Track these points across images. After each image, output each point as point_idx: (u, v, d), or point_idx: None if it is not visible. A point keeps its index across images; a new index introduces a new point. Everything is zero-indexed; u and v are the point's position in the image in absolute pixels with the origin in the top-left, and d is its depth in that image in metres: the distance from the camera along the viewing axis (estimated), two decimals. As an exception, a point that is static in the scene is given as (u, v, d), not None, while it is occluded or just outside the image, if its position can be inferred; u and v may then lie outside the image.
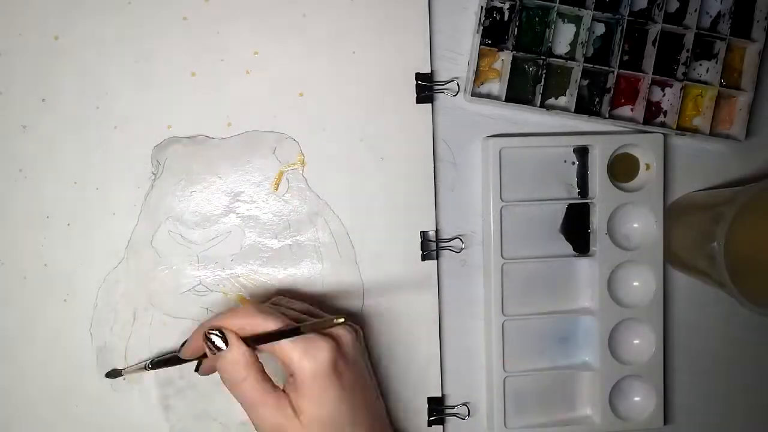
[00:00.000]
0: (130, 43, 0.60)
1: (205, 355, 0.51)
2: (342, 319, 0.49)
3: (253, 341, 0.49)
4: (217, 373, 0.51)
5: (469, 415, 0.64)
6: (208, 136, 0.60)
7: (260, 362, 0.50)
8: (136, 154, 0.60)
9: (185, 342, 0.53)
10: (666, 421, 0.65)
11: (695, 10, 0.62)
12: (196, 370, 0.55)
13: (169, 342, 0.60)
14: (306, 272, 0.61)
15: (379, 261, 0.62)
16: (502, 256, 0.63)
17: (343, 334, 0.51)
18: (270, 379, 0.50)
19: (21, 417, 0.60)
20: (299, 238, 0.61)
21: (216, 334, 0.49)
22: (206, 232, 0.60)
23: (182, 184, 0.60)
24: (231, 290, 0.60)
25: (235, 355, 0.49)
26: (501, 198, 0.62)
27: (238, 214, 0.60)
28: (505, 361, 0.63)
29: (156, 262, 0.60)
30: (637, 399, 0.65)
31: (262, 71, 0.61)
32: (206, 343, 0.50)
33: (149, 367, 0.57)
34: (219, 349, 0.49)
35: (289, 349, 0.48)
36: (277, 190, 0.61)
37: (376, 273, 0.62)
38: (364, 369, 0.53)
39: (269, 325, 0.49)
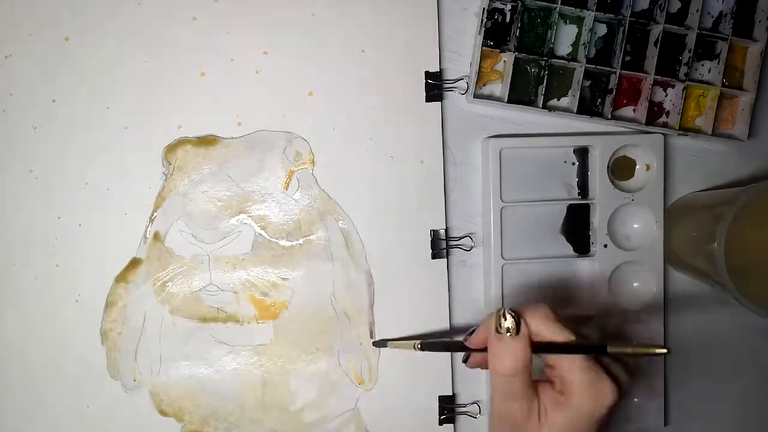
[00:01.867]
0: (140, 43, 0.60)
1: (484, 349, 0.49)
2: (666, 351, 0.46)
3: (543, 348, 0.48)
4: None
5: (480, 413, 0.64)
6: (218, 136, 0.60)
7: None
8: (147, 154, 0.60)
9: (472, 330, 0.51)
10: (666, 422, 0.66)
11: (697, 11, 0.63)
12: (464, 361, 0.53)
13: (180, 342, 0.61)
14: (316, 271, 0.61)
15: (389, 260, 0.62)
16: (502, 256, 0.63)
17: (627, 383, 0.49)
18: (533, 384, 0.48)
19: (32, 417, 0.60)
20: (310, 237, 0.61)
21: (512, 317, 0.48)
22: (217, 232, 0.60)
23: (193, 184, 0.60)
24: (241, 290, 0.61)
25: (520, 347, 0.47)
26: (501, 199, 0.63)
27: (248, 213, 0.60)
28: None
29: (167, 262, 0.60)
30: (636, 400, 0.66)
31: (271, 71, 0.61)
32: (497, 319, 0.48)
33: (417, 348, 0.56)
34: (508, 331, 0.48)
35: (577, 369, 0.47)
36: (287, 189, 0.61)
37: (386, 271, 0.62)
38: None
39: (564, 335, 0.47)
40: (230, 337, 0.61)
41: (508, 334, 0.47)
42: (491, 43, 0.63)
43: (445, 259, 0.63)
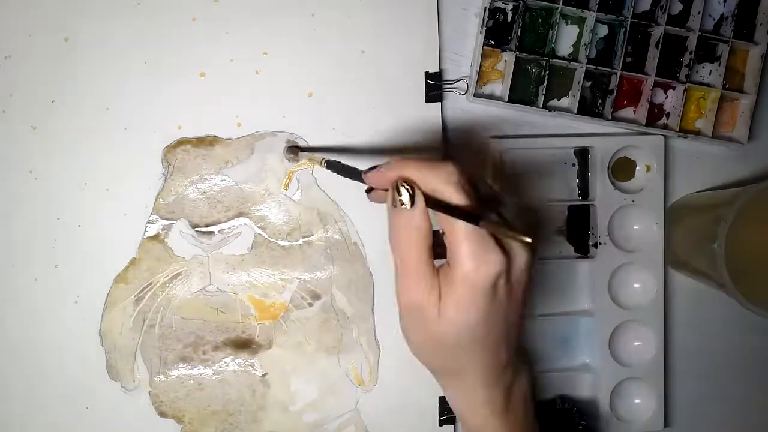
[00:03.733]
0: (139, 44, 0.59)
1: (385, 190, 0.49)
2: (529, 240, 0.45)
3: (431, 203, 0.47)
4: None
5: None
6: (218, 137, 0.60)
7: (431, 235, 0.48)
8: (147, 154, 0.60)
9: (375, 167, 0.50)
10: (666, 423, 0.66)
11: (698, 13, 0.63)
12: (368, 192, 0.52)
13: (179, 343, 0.61)
14: (316, 272, 0.61)
15: (389, 260, 0.60)
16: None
17: (519, 253, 0.48)
18: (432, 258, 0.48)
19: (32, 418, 0.60)
20: (309, 238, 0.61)
21: (407, 189, 0.47)
22: (216, 233, 0.60)
23: (192, 184, 0.60)
24: (241, 291, 0.61)
25: (417, 220, 0.47)
26: (502, 200, 0.63)
27: (248, 214, 0.60)
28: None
29: (167, 263, 0.60)
30: (637, 401, 0.66)
31: (271, 71, 0.61)
32: (393, 192, 0.47)
33: (324, 164, 0.55)
34: (403, 204, 0.47)
35: (461, 239, 0.45)
36: (286, 190, 0.61)
37: (387, 272, 0.62)
38: (519, 297, 0.49)
39: (458, 198, 0.46)
40: (230, 337, 0.61)
41: (403, 207, 0.47)
42: (492, 43, 0.63)
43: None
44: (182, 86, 0.60)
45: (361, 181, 0.51)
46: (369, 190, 0.52)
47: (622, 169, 0.65)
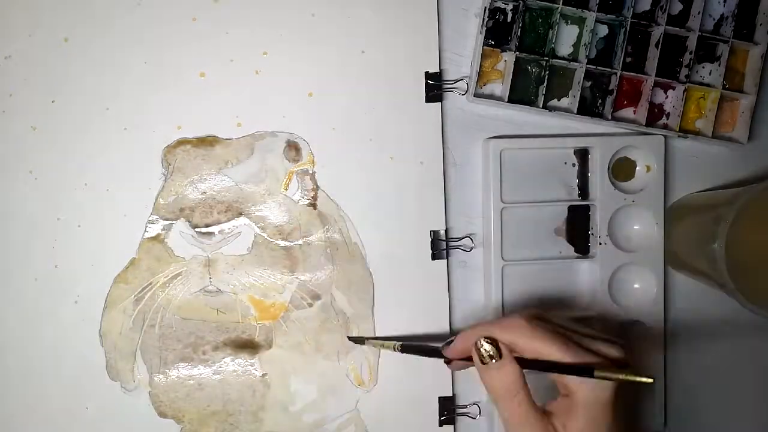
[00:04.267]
0: (139, 44, 0.60)
1: (469, 358, 0.50)
2: (651, 380, 0.45)
3: (526, 364, 0.48)
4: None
5: (480, 414, 0.64)
6: (217, 137, 0.60)
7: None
8: (147, 155, 0.60)
9: (450, 340, 0.52)
10: (666, 423, 0.66)
11: (698, 13, 0.63)
12: (447, 363, 0.54)
13: (179, 343, 0.61)
14: (316, 272, 0.61)
15: (389, 260, 0.62)
16: (502, 257, 0.63)
17: (616, 354, 0.50)
18: (534, 401, 0.49)
19: (31, 418, 0.60)
20: (309, 238, 0.61)
21: (490, 344, 0.48)
22: (216, 233, 0.60)
23: (192, 184, 0.60)
24: (241, 291, 0.61)
25: (509, 371, 0.48)
26: (501, 199, 0.63)
27: (248, 214, 0.60)
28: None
29: (167, 263, 0.60)
30: (637, 402, 0.66)
31: (271, 71, 0.61)
32: (477, 351, 0.49)
33: (397, 349, 0.57)
34: (491, 358, 0.48)
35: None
36: (287, 190, 0.61)
37: (386, 272, 0.62)
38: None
39: (552, 352, 0.47)
40: (229, 337, 0.61)
41: (492, 360, 0.48)
42: (492, 43, 0.63)
43: (445, 260, 0.63)
44: (182, 86, 0.60)
45: (440, 356, 0.53)
46: (448, 362, 0.54)
47: (622, 170, 0.65)
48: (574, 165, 0.65)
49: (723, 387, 0.68)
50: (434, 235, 0.62)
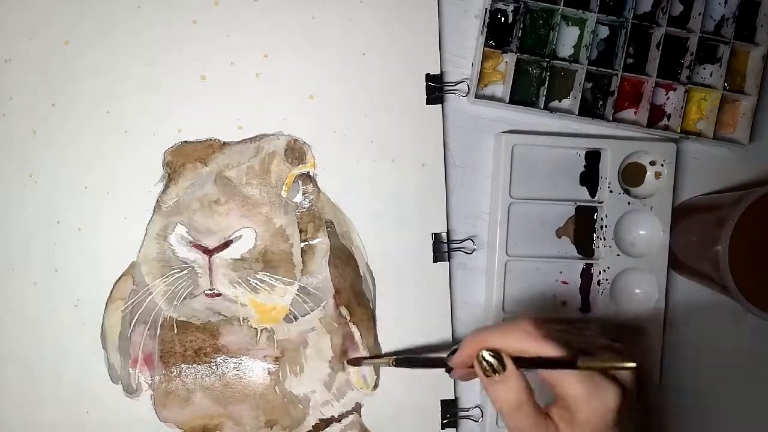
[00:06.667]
0: (140, 47, 0.60)
1: (471, 366, 0.49)
2: (634, 365, 0.45)
3: (523, 363, 0.47)
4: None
5: (482, 417, 0.64)
6: (218, 140, 0.60)
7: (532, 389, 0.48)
8: (147, 158, 0.60)
9: (454, 350, 0.51)
10: (666, 427, 0.66)
11: (699, 14, 0.63)
12: (448, 371, 0.53)
13: (180, 347, 0.61)
14: (317, 276, 0.61)
15: (390, 263, 0.62)
16: (507, 253, 0.63)
17: (629, 381, 0.48)
18: (540, 408, 0.48)
19: (32, 422, 0.60)
20: (310, 241, 0.61)
21: (493, 356, 0.47)
22: (217, 236, 0.60)
23: (193, 187, 0.60)
24: (242, 294, 0.60)
25: (513, 383, 0.47)
26: (510, 195, 0.63)
27: (249, 217, 0.60)
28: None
29: (168, 266, 0.60)
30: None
31: (272, 74, 0.61)
32: (480, 363, 0.48)
33: (392, 364, 0.56)
34: (495, 372, 0.47)
35: (572, 384, 0.46)
36: (288, 192, 0.61)
37: (388, 275, 0.62)
38: (639, 423, 0.50)
39: (547, 350, 0.47)
40: (231, 341, 0.61)
41: (496, 374, 0.47)
42: (493, 44, 0.63)
43: (447, 263, 0.63)
44: (183, 89, 0.60)
45: (444, 366, 0.52)
46: (449, 370, 0.53)
47: (631, 174, 0.65)
48: (584, 166, 0.65)
49: (724, 389, 0.68)
50: (436, 237, 0.62)
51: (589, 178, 0.65)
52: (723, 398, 0.68)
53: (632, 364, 0.45)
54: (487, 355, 0.47)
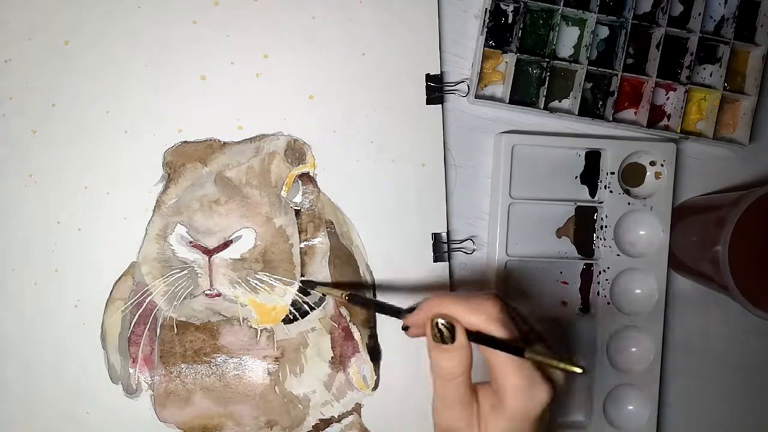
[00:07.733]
0: (140, 47, 0.59)
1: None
2: (581, 371, 0.44)
3: (473, 337, 0.47)
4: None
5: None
6: (218, 140, 0.60)
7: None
8: (147, 158, 0.60)
9: (412, 308, 0.50)
10: (660, 429, 0.66)
11: (699, 14, 0.63)
12: (404, 329, 0.52)
13: (180, 347, 0.60)
14: (318, 275, 0.61)
15: (390, 263, 0.62)
16: (506, 253, 0.63)
17: (561, 382, 0.48)
18: (471, 383, 0.48)
19: (32, 422, 0.60)
20: (311, 241, 0.61)
21: (446, 326, 0.47)
22: (217, 236, 0.60)
23: (193, 188, 0.60)
24: (242, 294, 0.60)
25: (458, 356, 0.47)
26: (510, 195, 0.63)
27: (248, 217, 0.60)
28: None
29: (168, 266, 0.60)
30: (630, 408, 0.66)
31: (272, 74, 0.61)
32: (433, 329, 0.47)
33: (345, 298, 0.55)
34: (444, 342, 0.47)
35: (508, 372, 0.46)
36: (288, 192, 0.61)
37: (388, 275, 0.62)
38: (548, 423, 0.50)
39: (502, 333, 0.46)
40: (231, 341, 0.61)
41: (445, 343, 0.47)
42: (493, 44, 0.63)
43: (447, 263, 0.63)
44: (183, 89, 0.60)
45: (399, 317, 0.51)
46: (405, 328, 0.52)
47: (631, 174, 0.65)
48: (584, 166, 0.65)
49: (723, 390, 0.68)
50: (436, 237, 0.62)
51: (589, 178, 0.65)
52: (723, 398, 0.68)
53: (579, 369, 0.44)
54: (441, 323, 0.47)
